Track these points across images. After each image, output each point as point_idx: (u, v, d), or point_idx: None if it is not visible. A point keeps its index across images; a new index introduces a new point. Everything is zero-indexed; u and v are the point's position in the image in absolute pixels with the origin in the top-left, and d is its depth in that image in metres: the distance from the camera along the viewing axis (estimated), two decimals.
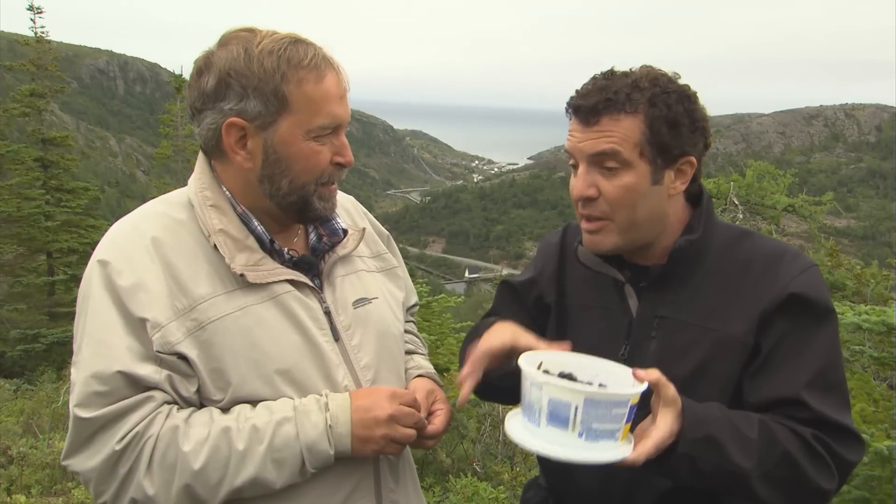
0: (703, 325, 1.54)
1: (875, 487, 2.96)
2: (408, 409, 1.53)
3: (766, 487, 1.38)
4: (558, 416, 1.27)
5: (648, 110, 1.48)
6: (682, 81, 1.54)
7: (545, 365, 1.42)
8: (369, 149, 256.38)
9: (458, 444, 5.47)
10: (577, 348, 1.51)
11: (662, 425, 1.31)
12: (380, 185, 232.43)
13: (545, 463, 1.85)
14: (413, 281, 2.02)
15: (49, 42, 19.37)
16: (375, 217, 1.94)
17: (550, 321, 1.78)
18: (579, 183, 1.54)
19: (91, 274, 1.46)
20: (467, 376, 1.49)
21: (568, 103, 1.55)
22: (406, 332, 1.90)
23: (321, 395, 1.50)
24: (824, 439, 1.41)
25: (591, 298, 1.71)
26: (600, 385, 1.38)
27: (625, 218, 1.53)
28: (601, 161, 1.51)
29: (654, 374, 1.31)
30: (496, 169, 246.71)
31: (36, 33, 19.05)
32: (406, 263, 1.99)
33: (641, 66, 1.55)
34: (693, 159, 1.54)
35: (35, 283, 17.25)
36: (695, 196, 1.65)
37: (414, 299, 1.97)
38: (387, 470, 1.63)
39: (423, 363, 1.86)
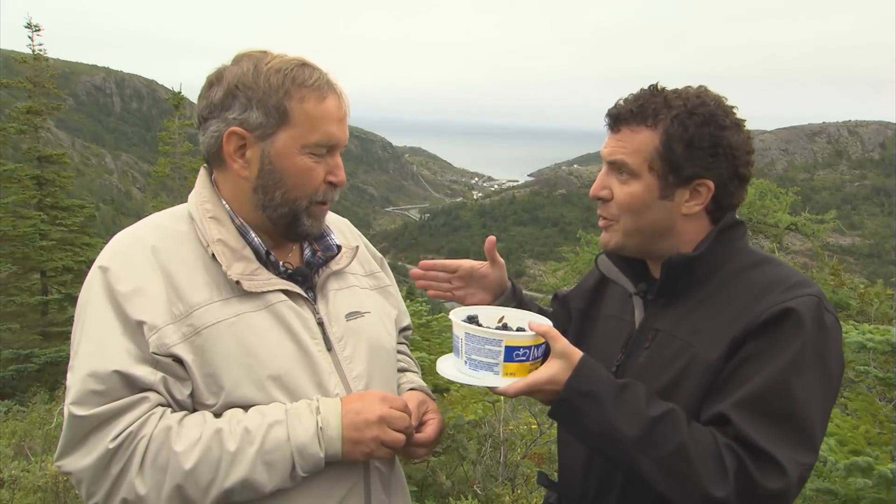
0: (686, 341, 1.57)
1: None
2: (398, 413, 1.57)
3: (655, 471, 1.41)
4: (456, 347, 1.61)
5: (668, 127, 1.54)
6: (729, 104, 1.59)
7: (506, 318, 1.72)
8: (368, 166, 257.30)
9: (458, 465, 5.41)
10: (588, 353, 1.59)
11: (543, 370, 1.49)
12: (378, 202, 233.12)
13: (559, 464, 1.92)
14: (412, 299, 2.02)
15: (46, 59, 19.40)
16: (374, 234, 1.97)
17: (572, 326, 1.89)
18: (595, 184, 1.67)
19: (91, 280, 1.52)
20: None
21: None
22: (399, 352, 1.94)
23: (313, 400, 1.54)
24: (739, 453, 1.39)
25: (615, 308, 1.81)
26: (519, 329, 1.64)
27: (628, 223, 1.62)
28: (614, 168, 1.62)
29: (543, 326, 1.51)
30: (496, 186, 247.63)
31: (34, 51, 19.09)
32: (405, 281, 2.00)
33: (695, 87, 1.61)
34: (710, 183, 1.57)
35: (28, 303, 17.11)
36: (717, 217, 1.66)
37: (407, 321, 2.01)
38: (378, 482, 1.66)
39: (415, 379, 1.92)
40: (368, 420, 1.52)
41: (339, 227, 1.87)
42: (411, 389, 1.83)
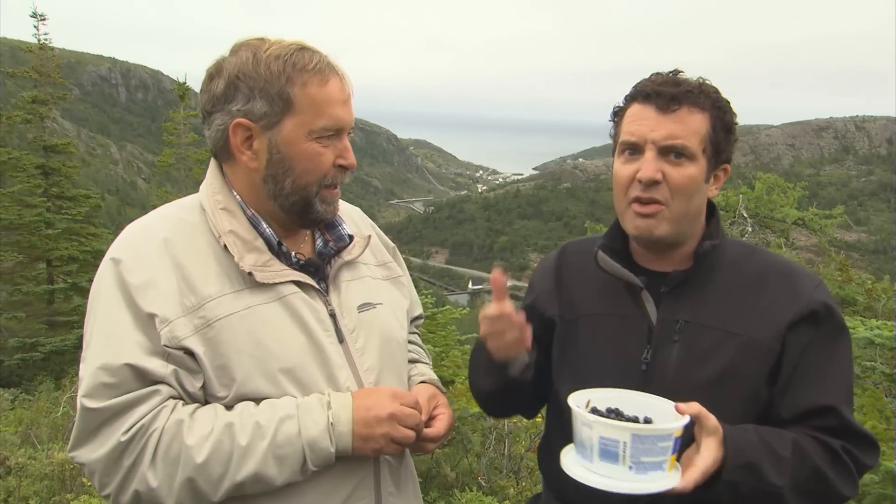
0: (725, 330, 1.58)
1: None
2: (409, 410, 1.56)
3: (797, 499, 1.47)
4: (609, 452, 1.35)
5: (714, 111, 1.57)
6: None
7: (593, 402, 1.49)
8: (372, 158, 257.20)
9: (462, 457, 5.41)
10: (591, 356, 1.63)
11: (706, 454, 1.38)
12: (382, 194, 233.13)
13: (547, 473, 1.87)
14: (417, 292, 2.00)
15: (52, 49, 19.44)
16: (378, 226, 1.96)
17: (555, 335, 1.79)
18: (649, 166, 1.55)
19: (103, 271, 1.51)
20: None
21: (639, 89, 1.60)
22: (410, 342, 1.92)
23: (324, 394, 1.53)
24: (852, 451, 1.52)
25: (602, 306, 1.72)
26: (646, 419, 1.44)
27: (680, 206, 1.58)
28: (666, 151, 1.55)
29: (694, 406, 1.39)
30: (501, 179, 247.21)
31: (39, 40, 19.13)
32: (409, 274, 1.98)
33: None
34: (728, 166, 1.66)
35: (34, 292, 17.24)
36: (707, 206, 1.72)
37: (419, 311, 1.99)
38: (387, 474, 1.65)
39: (426, 371, 1.90)
40: (379, 417, 1.52)
41: (350, 216, 1.85)
42: (422, 382, 1.82)
